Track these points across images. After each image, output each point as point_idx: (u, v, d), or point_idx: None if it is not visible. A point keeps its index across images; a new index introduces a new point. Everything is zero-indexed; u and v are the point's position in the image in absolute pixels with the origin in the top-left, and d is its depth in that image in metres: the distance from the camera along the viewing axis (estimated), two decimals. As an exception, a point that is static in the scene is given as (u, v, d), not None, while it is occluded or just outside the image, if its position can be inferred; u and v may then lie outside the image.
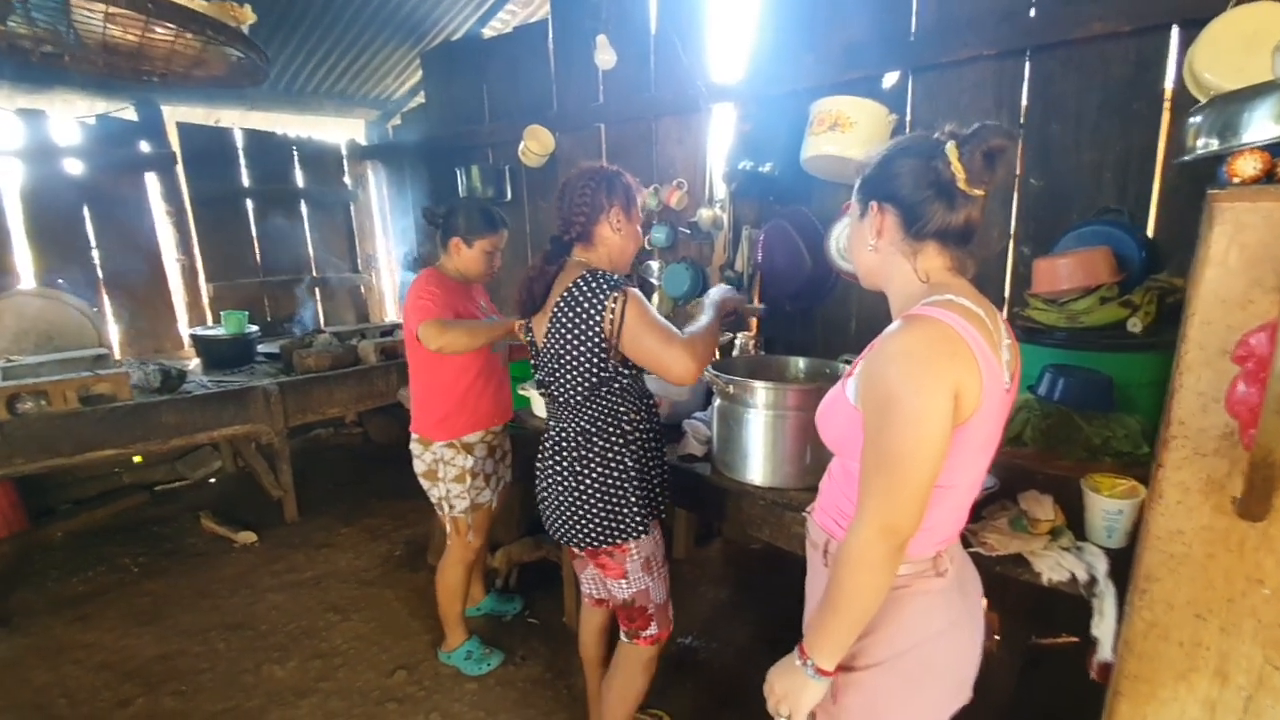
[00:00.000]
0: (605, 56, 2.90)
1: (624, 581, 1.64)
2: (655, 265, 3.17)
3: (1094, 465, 1.47)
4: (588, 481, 1.57)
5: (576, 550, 1.68)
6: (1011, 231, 2.15)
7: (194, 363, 3.82)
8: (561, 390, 1.56)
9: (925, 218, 1.04)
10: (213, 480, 4.26)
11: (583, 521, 1.58)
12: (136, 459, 3.98)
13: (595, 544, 1.60)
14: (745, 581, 2.93)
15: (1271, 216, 0.90)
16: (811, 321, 2.67)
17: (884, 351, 0.98)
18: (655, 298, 3.14)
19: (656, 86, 3.03)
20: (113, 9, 1.18)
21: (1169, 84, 1.80)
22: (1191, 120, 1.23)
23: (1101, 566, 1.23)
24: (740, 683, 2.27)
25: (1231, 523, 0.98)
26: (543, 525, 1.73)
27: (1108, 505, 1.32)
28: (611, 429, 1.57)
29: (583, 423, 1.57)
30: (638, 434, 1.61)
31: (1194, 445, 1.00)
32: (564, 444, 1.59)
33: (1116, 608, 1.18)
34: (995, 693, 2.12)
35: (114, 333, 4.04)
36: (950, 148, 1.01)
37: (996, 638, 2.25)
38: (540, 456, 1.68)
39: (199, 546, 3.40)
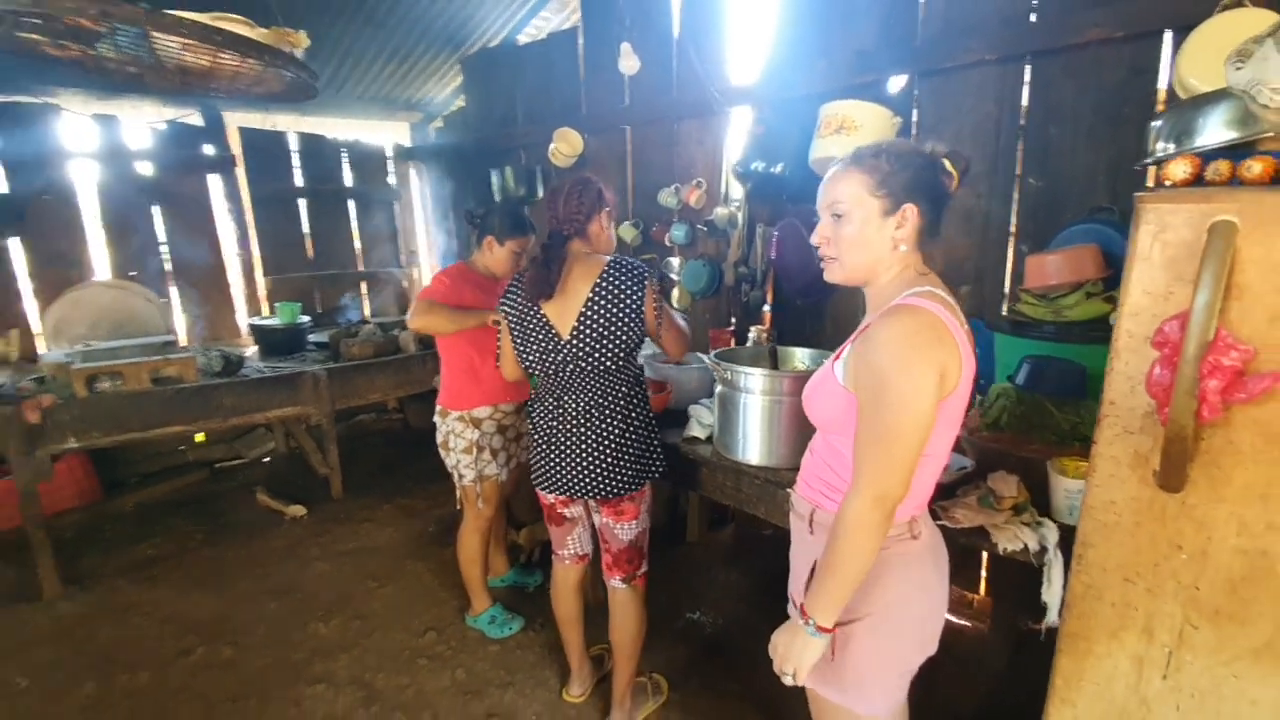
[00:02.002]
0: (629, 63, 3.05)
1: (634, 523, 1.90)
2: (675, 262, 3.31)
3: (1065, 449, 1.56)
4: (630, 434, 1.83)
5: (600, 500, 1.88)
6: (1012, 230, 2.22)
7: (251, 350, 4.12)
8: (601, 359, 1.76)
9: (941, 220, 1.19)
10: (266, 460, 4.58)
11: (622, 471, 1.82)
12: (199, 438, 4.34)
13: (632, 489, 1.83)
14: (755, 565, 3.05)
15: (1190, 217, 1.00)
16: (821, 316, 2.78)
17: (879, 339, 1.09)
18: (675, 293, 3.29)
19: (679, 90, 3.17)
20: (187, 41, 1.40)
21: (1163, 88, 1.86)
22: (1153, 125, 1.33)
23: (1052, 538, 1.34)
24: (743, 658, 2.41)
25: (1155, 493, 1.08)
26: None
27: (1069, 485, 1.42)
28: (640, 387, 1.89)
29: (621, 387, 1.83)
30: (648, 391, 1.96)
31: (1124, 423, 1.10)
32: (601, 409, 1.80)
33: (1064, 576, 1.29)
34: (988, 674, 2.21)
35: (180, 321, 4.39)
36: (947, 161, 1.17)
37: (989, 621, 2.34)
38: (560, 427, 1.84)
39: (253, 519, 3.70)
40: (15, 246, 3.75)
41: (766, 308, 2.99)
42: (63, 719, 2.22)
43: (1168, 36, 1.84)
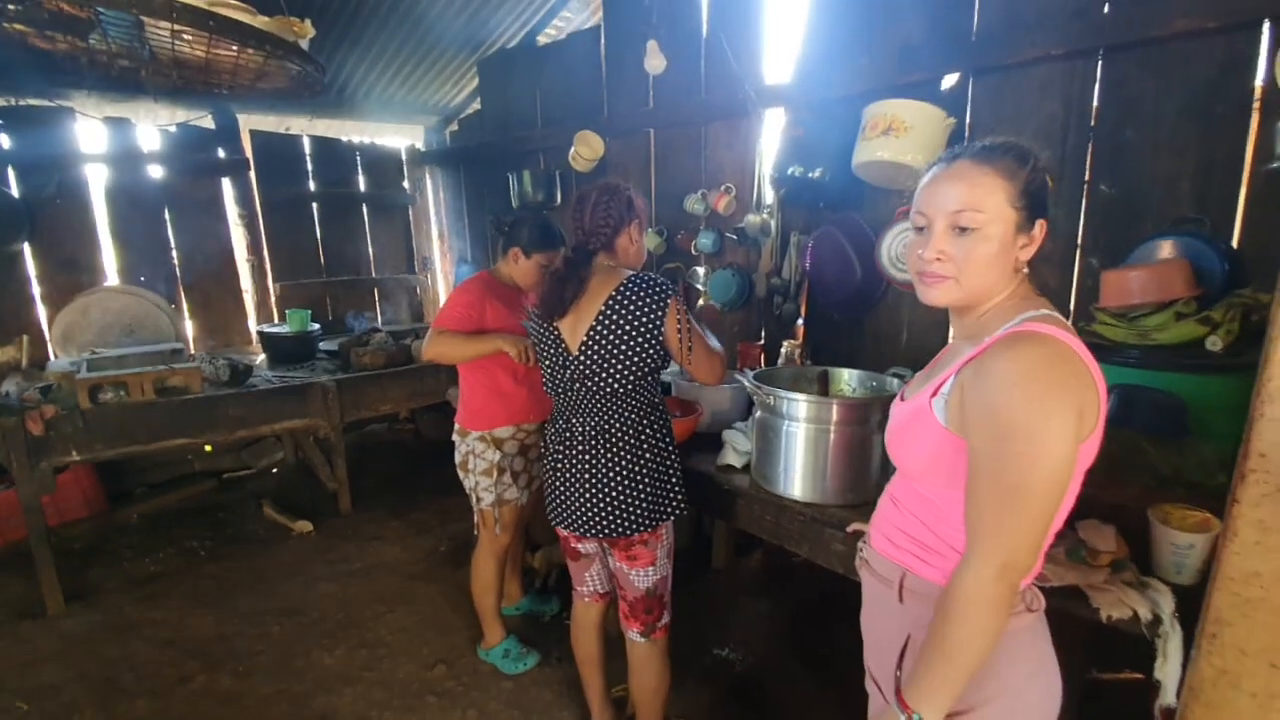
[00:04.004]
0: (655, 62, 2.90)
1: (651, 569, 1.71)
2: (701, 271, 3.14)
3: (1161, 495, 1.37)
4: (638, 466, 1.64)
5: (609, 540, 1.70)
6: (1079, 241, 2.03)
7: (260, 358, 4.00)
8: (609, 381, 1.61)
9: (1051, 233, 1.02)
10: (275, 470, 4.46)
11: (629, 508, 1.64)
12: (207, 448, 4.22)
13: (641, 528, 1.65)
14: (785, 594, 2.86)
15: (1370, 233, 0.82)
16: (860, 331, 2.60)
17: (1000, 373, 0.90)
18: (700, 303, 3.12)
19: (707, 91, 3.00)
20: (177, 26, 1.26)
21: (1259, 84, 1.67)
22: (1281, 125, 1.14)
23: (1167, 605, 1.15)
24: (775, 703, 2.22)
25: (1316, 567, 0.90)
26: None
27: (1177, 539, 1.23)
28: (656, 415, 1.70)
29: (631, 414, 1.65)
30: (670, 419, 1.77)
31: (1276, 481, 0.92)
32: (607, 435, 1.64)
33: (1182, 650, 1.10)
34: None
35: (189, 327, 4.28)
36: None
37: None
38: (566, 453, 1.70)
39: (260, 533, 3.57)
40: (25, 251, 3.65)
41: (800, 321, 2.82)
42: (56, 751, 2.09)
43: (1266, 28, 1.64)
